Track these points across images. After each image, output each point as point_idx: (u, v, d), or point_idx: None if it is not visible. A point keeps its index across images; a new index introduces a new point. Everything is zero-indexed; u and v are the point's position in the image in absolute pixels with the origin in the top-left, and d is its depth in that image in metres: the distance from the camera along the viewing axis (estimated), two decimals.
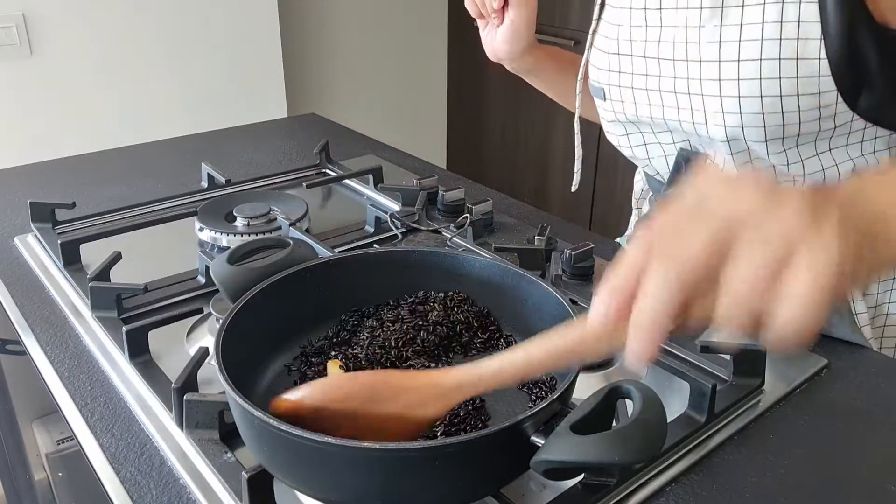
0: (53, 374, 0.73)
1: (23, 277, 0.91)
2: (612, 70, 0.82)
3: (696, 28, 0.72)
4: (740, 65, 0.69)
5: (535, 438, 0.48)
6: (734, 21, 0.69)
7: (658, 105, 0.78)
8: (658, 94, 0.77)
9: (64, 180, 1.22)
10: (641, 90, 0.79)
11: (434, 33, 3.13)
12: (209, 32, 2.23)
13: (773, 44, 0.67)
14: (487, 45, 0.96)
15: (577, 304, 0.81)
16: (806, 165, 0.73)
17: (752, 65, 0.68)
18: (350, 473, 0.48)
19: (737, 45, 0.69)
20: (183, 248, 0.97)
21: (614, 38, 0.81)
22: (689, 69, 0.73)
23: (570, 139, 3.00)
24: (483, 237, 0.98)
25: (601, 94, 0.86)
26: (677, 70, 0.74)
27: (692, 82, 0.73)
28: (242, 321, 0.60)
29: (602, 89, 0.85)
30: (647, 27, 0.77)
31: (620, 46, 0.80)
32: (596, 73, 0.86)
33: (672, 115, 0.77)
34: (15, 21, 1.92)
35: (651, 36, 0.77)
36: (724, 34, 0.70)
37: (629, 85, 0.80)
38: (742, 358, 0.69)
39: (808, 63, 0.67)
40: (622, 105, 0.82)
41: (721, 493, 0.59)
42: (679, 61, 0.74)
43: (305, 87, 2.80)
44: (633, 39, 0.79)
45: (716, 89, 0.71)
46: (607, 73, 0.83)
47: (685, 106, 0.75)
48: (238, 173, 1.21)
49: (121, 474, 0.60)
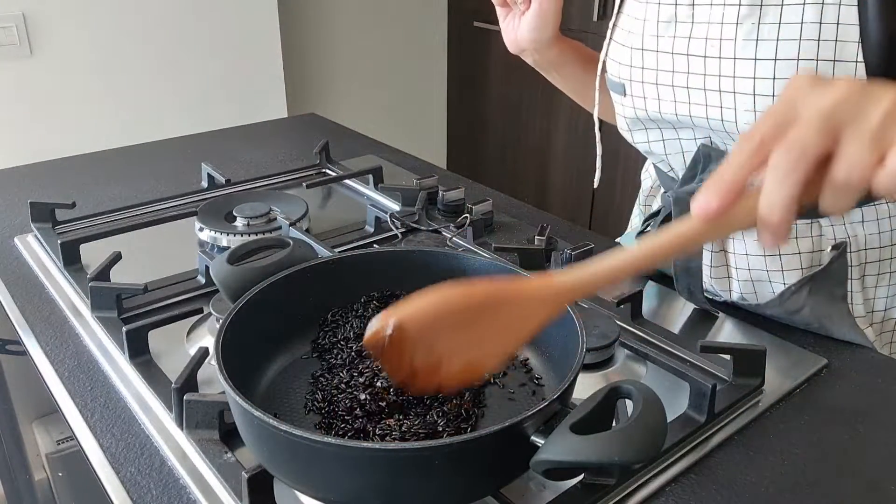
0: (53, 374, 0.73)
1: (23, 277, 0.91)
2: (633, 66, 0.81)
3: (732, 25, 0.71)
4: (776, 64, 0.68)
5: (535, 438, 0.48)
6: (773, 20, 0.68)
7: (684, 102, 0.77)
8: (685, 91, 0.76)
9: (64, 180, 1.22)
10: (667, 86, 0.78)
11: (434, 33, 3.13)
12: (209, 32, 2.23)
13: (812, 44, 0.67)
14: (509, 34, 0.92)
15: (577, 304, 0.80)
16: None
17: (789, 64, 0.68)
18: (350, 473, 0.48)
19: (774, 44, 0.68)
20: (183, 248, 0.97)
21: (637, 32, 0.80)
22: (722, 66, 0.72)
23: (571, 139, 2.99)
24: (483, 237, 0.98)
25: (621, 90, 0.84)
26: (708, 67, 0.73)
27: (724, 80, 0.72)
28: (242, 321, 0.60)
29: (622, 84, 0.83)
30: (676, 23, 0.76)
31: (645, 42, 0.79)
32: (616, 68, 0.84)
33: (699, 112, 0.76)
34: (15, 21, 1.92)
35: (681, 32, 0.76)
36: (761, 32, 0.69)
37: (653, 81, 0.79)
38: (742, 358, 0.69)
39: (846, 66, 0.66)
40: (644, 101, 0.81)
41: (721, 493, 0.59)
42: (711, 58, 0.73)
43: (305, 87, 2.80)
44: (659, 35, 0.77)
45: (749, 87, 0.70)
46: (629, 68, 0.82)
47: (714, 103, 0.74)
48: (238, 173, 1.21)
49: (121, 474, 0.60)
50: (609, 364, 0.73)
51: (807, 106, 0.43)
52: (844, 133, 0.42)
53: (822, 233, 0.77)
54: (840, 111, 0.42)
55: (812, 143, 0.42)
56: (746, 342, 0.78)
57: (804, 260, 0.78)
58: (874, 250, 0.77)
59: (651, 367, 0.72)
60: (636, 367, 0.73)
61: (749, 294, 0.82)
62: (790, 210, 0.42)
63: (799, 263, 0.78)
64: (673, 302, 0.85)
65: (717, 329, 0.81)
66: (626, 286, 0.87)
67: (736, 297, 0.84)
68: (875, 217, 0.76)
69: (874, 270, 0.78)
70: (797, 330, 0.80)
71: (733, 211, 0.44)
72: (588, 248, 0.89)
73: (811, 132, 0.42)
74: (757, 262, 0.80)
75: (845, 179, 0.42)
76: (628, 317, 0.78)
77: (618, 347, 0.73)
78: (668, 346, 0.75)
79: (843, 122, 0.42)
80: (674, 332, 0.78)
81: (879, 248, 0.77)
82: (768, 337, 0.78)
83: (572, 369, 0.53)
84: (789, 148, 0.42)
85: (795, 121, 0.43)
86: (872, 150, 0.41)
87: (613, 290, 0.81)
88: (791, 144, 0.42)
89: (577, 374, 0.53)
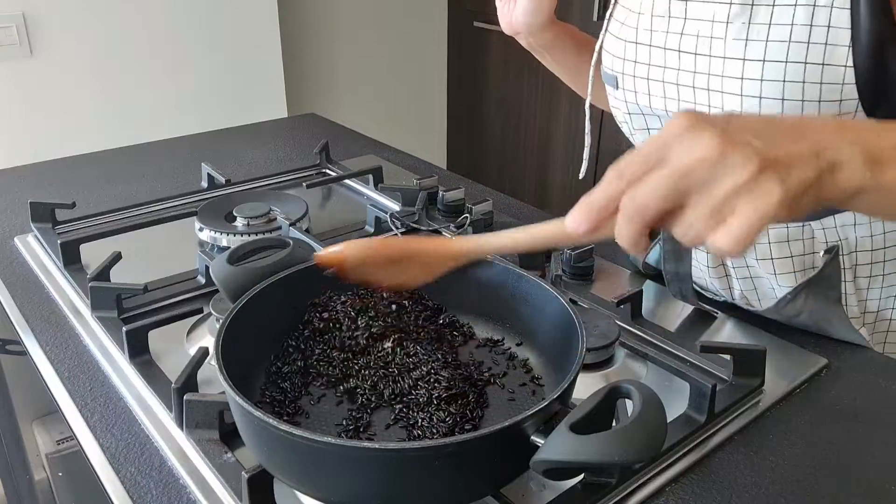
0: (53, 374, 0.73)
1: (23, 277, 0.91)
2: (626, 59, 0.81)
3: (723, 23, 0.71)
4: (765, 65, 0.68)
5: (535, 438, 0.48)
6: (763, 20, 0.68)
7: (674, 98, 0.77)
8: (675, 88, 0.76)
9: (64, 180, 1.22)
10: (657, 82, 0.78)
11: (434, 33, 3.13)
12: (209, 32, 2.23)
13: (801, 47, 0.66)
14: (504, 17, 0.92)
15: (577, 304, 0.81)
16: None
17: (777, 66, 0.67)
18: (350, 473, 0.48)
19: (763, 45, 0.68)
20: (183, 248, 0.97)
21: (632, 25, 0.80)
22: (711, 65, 0.72)
23: (571, 139, 2.99)
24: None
25: (614, 82, 0.84)
26: (698, 65, 0.73)
27: (713, 79, 0.72)
28: (242, 321, 0.60)
29: (615, 77, 0.83)
30: (669, 18, 0.76)
31: (639, 35, 0.79)
32: (610, 60, 0.84)
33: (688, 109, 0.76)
34: (15, 21, 1.91)
35: (673, 27, 0.75)
36: (751, 32, 0.69)
37: (644, 75, 0.79)
38: (742, 358, 0.69)
39: (834, 70, 0.66)
40: (635, 95, 0.81)
41: (721, 493, 0.59)
42: (701, 56, 0.73)
43: (305, 87, 2.80)
44: (653, 29, 0.77)
45: (737, 88, 0.70)
46: (622, 61, 0.82)
47: (703, 102, 0.74)
48: (238, 173, 1.21)
49: (121, 474, 0.60)
50: (609, 364, 0.73)
51: (670, 157, 0.45)
52: (691, 198, 0.44)
53: (814, 236, 0.77)
54: (693, 175, 0.44)
55: (654, 204, 0.44)
56: (746, 342, 0.78)
57: (796, 263, 0.78)
58: (865, 253, 0.77)
59: (651, 367, 0.72)
60: (636, 367, 0.73)
61: (749, 291, 0.82)
62: (637, 241, 0.46)
63: (791, 266, 0.78)
64: (673, 302, 0.85)
65: (716, 329, 0.81)
66: (626, 286, 0.87)
67: (737, 295, 0.84)
68: (867, 220, 0.76)
69: (866, 273, 0.78)
70: (797, 330, 0.80)
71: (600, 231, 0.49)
72: (588, 248, 0.89)
73: (657, 194, 0.44)
74: (751, 264, 0.80)
75: (680, 237, 0.46)
76: (628, 317, 0.78)
77: (618, 347, 0.73)
78: (668, 346, 0.75)
79: (692, 188, 0.44)
80: (674, 332, 0.78)
81: (871, 250, 0.77)
82: (768, 337, 0.78)
83: (572, 369, 0.53)
84: (633, 198, 0.45)
85: (658, 166, 0.45)
86: (708, 222, 0.44)
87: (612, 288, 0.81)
88: (636, 196, 0.45)
89: (577, 374, 0.53)
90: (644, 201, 0.45)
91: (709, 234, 0.44)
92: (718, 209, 0.43)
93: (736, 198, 0.43)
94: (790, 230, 0.77)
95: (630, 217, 0.46)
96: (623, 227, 0.46)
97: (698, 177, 0.44)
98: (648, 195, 0.45)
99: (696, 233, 0.45)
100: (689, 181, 0.44)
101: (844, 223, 0.76)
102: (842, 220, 0.76)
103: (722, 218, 0.43)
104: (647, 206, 0.45)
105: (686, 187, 0.44)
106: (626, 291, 0.79)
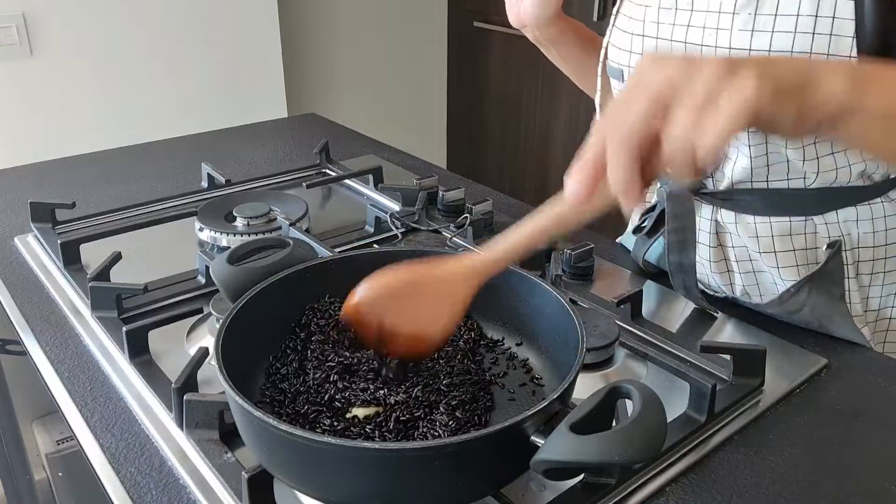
0: (53, 374, 0.73)
1: (23, 277, 0.91)
2: (633, 52, 0.81)
3: (729, 15, 0.71)
4: (770, 56, 0.68)
5: (535, 438, 0.48)
6: (769, 11, 0.68)
7: None
8: None
9: (64, 180, 1.22)
10: None
11: (434, 33, 3.13)
12: (209, 32, 2.23)
13: (806, 38, 0.67)
14: (513, 9, 0.92)
15: (577, 304, 0.81)
16: (821, 163, 0.73)
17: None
18: (350, 473, 0.48)
19: (769, 36, 0.68)
20: (183, 248, 0.97)
21: (639, 19, 0.80)
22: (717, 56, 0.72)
23: (571, 139, 2.98)
24: (483, 237, 0.98)
25: (619, 76, 0.84)
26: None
27: None
28: (242, 321, 0.60)
29: (622, 70, 0.84)
30: (676, 10, 0.76)
31: (646, 28, 0.79)
32: (616, 54, 0.84)
33: None
34: (15, 21, 1.91)
35: (680, 19, 0.76)
36: (757, 23, 0.69)
37: None
38: (742, 358, 0.69)
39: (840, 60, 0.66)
40: None
41: (721, 493, 0.59)
42: (707, 47, 0.73)
43: (305, 87, 2.80)
44: (660, 22, 0.78)
45: None
46: (628, 54, 0.82)
47: None
48: (238, 173, 1.21)
49: (121, 474, 0.60)
50: (609, 364, 0.73)
51: (643, 83, 0.46)
52: (671, 110, 0.45)
53: (817, 230, 0.77)
54: (669, 86, 0.45)
55: (637, 125, 0.45)
56: (746, 342, 0.78)
57: (799, 257, 0.78)
58: (867, 249, 0.77)
59: (651, 367, 0.72)
60: (636, 367, 0.73)
61: (751, 286, 0.82)
62: (632, 181, 0.46)
63: (794, 260, 0.78)
64: (672, 302, 0.85)
65: (716, 329, 0.81)
66: (626, 286, 0.87)
67: (739, 291, 0.83)
68: (869, 216, 0.76)
69: (867, 270, 0.78)
70: (797, 330, 0.80)
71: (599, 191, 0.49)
72: (588, 248, 0.89)
73: (638, 113, 0.45)
74: (754, 258, 0.80)
75: (673, 155, 0.45)
76: (628, 317, 0.78)
77: (618, 347, 0.73)
78: (668, 345, 0.75)
79: (671, 97, 0.44)
80: (674, 332, 0.78)
81: (873, 247, 0.77)
82: (768, 337, 0.78)
83: (572, 369, 0.53)
84: (617, 128, 0.45)
85: (634, 98, 0.46)
86: (693, 125, 0.44)
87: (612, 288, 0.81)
88: (620, 125, 0.45)
89: (577, 374, 0.53)
90: (627, 125, 0.45)
91: (697, 138, 0.44)
92: (700, 107, 0.44)
93: (716, 94, 0.44)
94: (793, 224, 0.77)
95: (616, 148, 0.45)
96: (613, 164, 0.46)
97: (674, 85, 0.44)
98: (629, 117, 0.45)
99: (683, 141, 0.44)
100: (666, 93, 0.45)
101: (847, 219, 0.76)
102: (844, 216, 0.76)
103: (706, 115, 0.44)
104: (632, 130, 0.45)
105: (665, 99, 0.45)
106: (626, 291, 0.79)
